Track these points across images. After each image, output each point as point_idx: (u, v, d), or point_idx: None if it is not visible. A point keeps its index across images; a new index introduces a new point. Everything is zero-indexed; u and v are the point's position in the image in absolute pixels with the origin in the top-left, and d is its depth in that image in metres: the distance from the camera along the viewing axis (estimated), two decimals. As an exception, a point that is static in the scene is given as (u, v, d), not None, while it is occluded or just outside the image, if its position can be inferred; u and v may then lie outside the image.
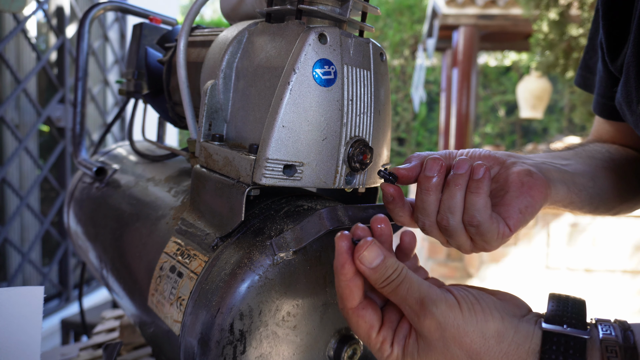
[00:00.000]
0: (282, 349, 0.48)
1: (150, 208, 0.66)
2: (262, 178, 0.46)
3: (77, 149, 0.88)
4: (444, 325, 0.38)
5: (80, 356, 0.86)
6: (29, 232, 2.51)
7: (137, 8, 0.90)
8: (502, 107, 7.87)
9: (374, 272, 0.40)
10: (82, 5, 2.80)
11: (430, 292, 0.39)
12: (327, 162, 0.49)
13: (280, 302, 0.47)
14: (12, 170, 2.38)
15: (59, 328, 2.25)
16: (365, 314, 0.41)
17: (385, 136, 0.55)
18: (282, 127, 0.46)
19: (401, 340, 0.41)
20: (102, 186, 0.82)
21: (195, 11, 0.59)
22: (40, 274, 2.48)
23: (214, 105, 0.54)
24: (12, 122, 2.28)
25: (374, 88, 0.51)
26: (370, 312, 0.42)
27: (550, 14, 3.52)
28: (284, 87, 0.46)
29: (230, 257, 0.48)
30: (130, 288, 0.64)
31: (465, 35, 4.71)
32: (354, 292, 0.41)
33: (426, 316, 0.39)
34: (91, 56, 2.87)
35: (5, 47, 2.18)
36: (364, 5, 0.52)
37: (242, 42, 0.54)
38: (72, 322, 2.07)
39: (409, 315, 0.40)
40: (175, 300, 0.51)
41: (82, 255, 0.88)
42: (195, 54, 0.66)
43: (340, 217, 0.48)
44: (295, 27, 0.49)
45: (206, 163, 0.54)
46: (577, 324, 0.38)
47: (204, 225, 0.54)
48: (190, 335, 0.48)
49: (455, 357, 0.38)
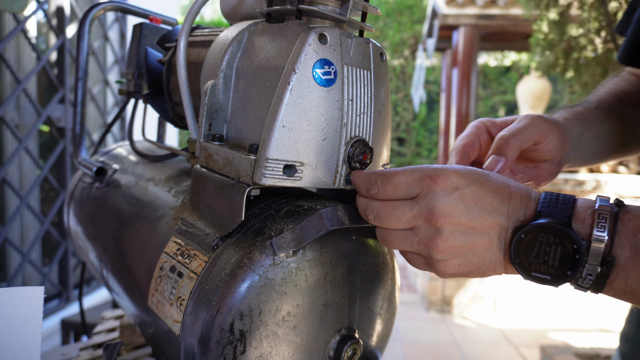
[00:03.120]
0: (282, 349, 0.48)
1: (151, 208, 0.66)
2: (262, 178, 0.46)
3: (77, 149, 0.88)
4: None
5: (80, 356, 0.86)
6: (29, 232, 2.51)
7: (137, 8, 0.90)
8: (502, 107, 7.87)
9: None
10: (82, 5, 2.80)
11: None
12: (327, 162, 0.49)
13: (281, 302, 0.47)
14: (12, 170, 2.38)
15: (59, 328, 2.25)
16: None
17: (385, 136, 0.55)
18: (282, 127, 0.46)
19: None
20: (102, 186, 0.82)
21: (195, 11, 0.59)
22: (40, 274, 2.48)
23: (214, 105, 0.54)
24: (12, 122, 2.28)
25: (374, 88, 0.51)
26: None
27: (550, 14, 3.52)
28: (284, 87, 0.46)
29: (230, 257, 0.48)
30: (130, 288, 0.64)
31: (465, 35, 4.71)
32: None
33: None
34: (91, 56, 2.87)
35: (5, 47, 2.18)
36: (364, 5, 0.52)
37: (242, 42, 0.54)
38: (72, 322, 2.07)
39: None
40: (175, 300, 0.51)
41: (82, 255, 0.88)
42: (195, 54, 0.66)
43: (341, 217, 0.48)
44: (295, 27, 0.49)
45: (206, 163, 0.54)
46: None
47: (204, 225, 0.54)
48: (191, 335, 0.48)
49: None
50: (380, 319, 0.58)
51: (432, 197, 0.43)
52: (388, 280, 0.57)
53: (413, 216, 0.44)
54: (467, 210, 0.43)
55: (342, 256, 0.52)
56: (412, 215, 0.44)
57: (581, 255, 0.40)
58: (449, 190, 0.43)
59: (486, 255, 0.44)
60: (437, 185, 0.43)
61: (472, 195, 0.43)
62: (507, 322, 3.69)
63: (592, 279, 0.40)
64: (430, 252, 0.44)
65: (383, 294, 0.57)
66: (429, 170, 0.44)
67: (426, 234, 0.44)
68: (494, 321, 3.70)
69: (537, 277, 0.42)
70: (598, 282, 0.40)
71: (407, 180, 0.44)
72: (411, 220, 0.44)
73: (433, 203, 0.43)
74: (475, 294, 3.76)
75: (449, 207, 0.42)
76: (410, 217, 0.44)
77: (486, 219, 0.43)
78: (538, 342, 3.25)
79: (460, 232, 0.43)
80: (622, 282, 0.40)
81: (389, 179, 0.45)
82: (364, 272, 0.54)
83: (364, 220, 0.49)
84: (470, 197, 0.43)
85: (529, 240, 0.41)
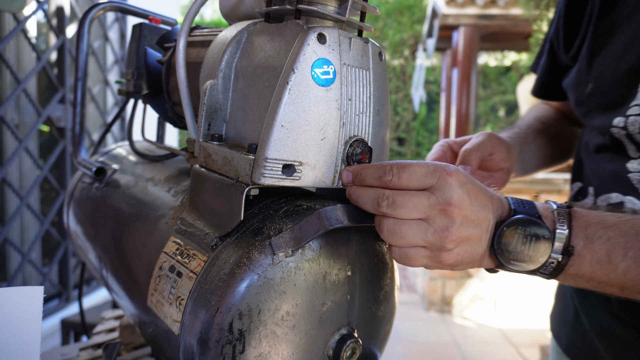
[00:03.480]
0: (281, 348, 0.48)
1: (150, 208, 0.66)
2: (261, 178, 0.46)
3: (77, 149, 0.88)
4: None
5: (80, 356, 0.86)
6: (29, 232, 2.51)
7: (137, 8, 0.90)
8: (502, 107, 7.87)
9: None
10: (82, 5, 2.80)
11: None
12: (326, 162, 0.49)
13: (280, 302, 0.47)
14: (12, 170, 2.38)
15: (59, 328, 2.25)
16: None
17: (384, 136, 0.55)
18: (281, 127, 0.46)
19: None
20: (101, 186, 0.82)
21: (194, 11, 0.59)
22: (40, 274, 2.48)
23: (213, 105, 0.54)
24: (12, 122, 2.28)
25: (373, 88, 0.51)
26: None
27: (550, 14, 3.52)
28: (282, 87, 0.46)
29: (229, 257, 0.48)
30: (130, 288, 0.64)
31: (465, 35, 4.71)
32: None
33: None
34: (91, 56, 2.87)
35: (5, 47, 2.18)
36: (362, 5, 0.52)
37: (241, 42, 0.54)
38: (72, 322, 2.07)
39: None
40: (174, 299, 0.51)
41: (82, 255, 0.88)
42: (195, 54, 0.66)
43: (340, 216, 0.48)
44: (294, 27, 0.49)
45: (205, 163, 0.54)
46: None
47: (203, 225, 0.54)
48: (190, 335, 0.48)
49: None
50: (380, 319, 0.58)
51: (449, 188, 0.46)
52: (387, 280, 0.57)
53: (430, 205, 0.46)
54: (471, 204, 0.46)
55: (342, 256, 0.52)
56: (429, 204, 0.46)
57: (552, 245, 0.47)
58: (461, 184, 0.46)
59: (476, 247, 0.48)
60: (453, 178, 0.46)
61: (474, 191, 0.47)
62: (507, 322, 3.69)
63: (553, 266, 0.48)
64: (444, 241, 0.46)
65: (382, 294, 0.57)
66: (442, 164, 0.47)
67: (441, 224, 0.46)
68: (494, 321, 3.70)
69: (515, 265, 0.48)
70: (557, 269, 0.48)
71: (422, 170, 0.46)
72: (427, 210, 0.46)
73: (450, 193, 0.45)
74: (475, 294, 3.76)
75: (462, 198, 0.46)
76: (427, 206, 0.46)
77: (481, 213, 0.47)
78: (538, 342, 3.25)
79: (466, 223, 0.46)
80: (576, 268, 0.48)
81: (406, 167, 0.47)
82: (363, 271, 0.54)
83: (364, 220, 0.49)
84: (473, 192, 0.47)
85: (510, 232, 0.47)
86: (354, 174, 0.50)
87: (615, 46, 0.68)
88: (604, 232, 0.48)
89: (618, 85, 0.67)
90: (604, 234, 0.48)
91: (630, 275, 0.47)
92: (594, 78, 0.71)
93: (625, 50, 0.66)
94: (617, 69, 0.67)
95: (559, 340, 0.85)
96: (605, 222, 0.49)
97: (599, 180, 0.72)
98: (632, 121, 0.64)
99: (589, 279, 0.49)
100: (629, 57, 0.65)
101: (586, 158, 0.78)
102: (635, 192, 0.65)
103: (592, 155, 0.75)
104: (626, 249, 0.47)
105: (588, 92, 0.72)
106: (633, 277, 0.47)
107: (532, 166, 0.86)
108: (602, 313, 0.71)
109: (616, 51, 0.67)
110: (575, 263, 0.48)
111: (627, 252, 0.47)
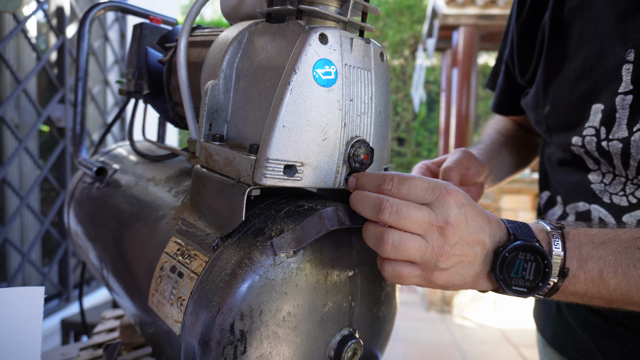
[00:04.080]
0: (283, 349, 0.48)
1: (151, 208, 0.66)
2: (263, 178, 0.46)
3: (77, 149, 0.88)
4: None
5: (80, 356, 0.86)
6: (29, 232, 2.51)
7: (137, 8, 0.90)
8: (502, 107, 7.85)
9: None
10: (82, 5, 2.80)
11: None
12: (328, 162, 0.49)
13: (281, 302, 0.47)
14: (12, 170, 2.38)
15: (59, 328, 2.25)
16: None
17: (385, 136, 0.55)
18: (283, 127, 0.46)
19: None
20: (102, 186, 0.82)
21: (195, 11, 0.59)
22: (40, 274, 2.48)
23: (215, 106, 0.54)
24: (12, 122, 2.28)
25: (375, 88, 0.51)
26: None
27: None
28: (284, 87, 0.46)
29: (230, 257, 0.48)
30: (131, 288, 0.64)
31: (465, 35, 4.71)
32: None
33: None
34: (91, 56, 2.87)
35: (5, 47, 2.18)
36: (364, 5, 0.52)
37: (243, 42, 0.54)
38: (72, 322, 2.07)
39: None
40: (175, 300, 0.51)
41: (82, 255, 0.88)
42: (196, 54, 0.66)
43: (341, 217, 0.48)
44: (295, 27, 0.49)
45: (206, 163, 0.54)
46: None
47: (205, 226, 0.54)
48: (191, 336, 0.48)
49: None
50: (381, 319, 0.58)
51: (448, 207, 0.46)
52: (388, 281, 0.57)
53: (429, 221, 0.46)
54: (467, 226, 0.46)
55: (343, 256, 0.52)
56: (429, 219, 0.46)
57: (550, 268, 0.48)
58: (459, 205, 0.46)
59: (468, 269, 0.48)
60: (452, 197, 0.46)
61: (472, 213, 0.47)
62: (507, 322, 3.69)
63: (549, 287, 0.49)
64: (438, 260, 0.46)
65: (383, 294, 0.57)
66: (443, 182, 0.48)
67: (437, 242, 0.46)
68: (494, 321, 3.70)
69: (516, 290, 0.48)
70: (553, 289, 0.49)
71: (423, 185, 0.47)
72: (426, 225, 0.46)
73: (448, 212, 0.46)
74: (475, 294, 3.76)
75: (458, 219, 0.46)
76: (428, 220, 0.46)
77: (477, 236, 0.47)
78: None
79: (460, 244, 0.46)
80: (571, 288, 0.49)
81: (407, 180, 0.47)
82: (365, 272, 0.54)
83: (364, 220, 0.49)
84: (470, 214, 0.47)
85: (512, 258, 0.47)
86: (358, 179, 0.50)
87: (568, 74, 0.73)
88: (596, 252, 0.49)
89: (573, 108, 0.71)
90: (596, 253, 0.49)
91: (620, 290, 0.49)
92: (550, 101, 0.75)
93: (578, 78, 0.71)
94: (571, 94, 0.72)
95: (543, 334, 0.89)
96: (595, 241, 0.50)
97: (565, 190, 0.78)
98: (588, 140, 0.69)
99: (581, 295, 0.50)
100: (581, 85, 0.70)
101: (550, 169, 0.84)
102: (599, 200, 0.71)
103: (555, 167, 0.81)
104: (616, 267, 0.49)
105: (546, 113, 0.77)
106: (623, 292, 0.49)
107: (500, 176, 0.93)
108: (582, 307, 0.74)
109: (569, 78, 0.72)
110: (571, 283, 0.49)
111: (617, 269, 0.49)
